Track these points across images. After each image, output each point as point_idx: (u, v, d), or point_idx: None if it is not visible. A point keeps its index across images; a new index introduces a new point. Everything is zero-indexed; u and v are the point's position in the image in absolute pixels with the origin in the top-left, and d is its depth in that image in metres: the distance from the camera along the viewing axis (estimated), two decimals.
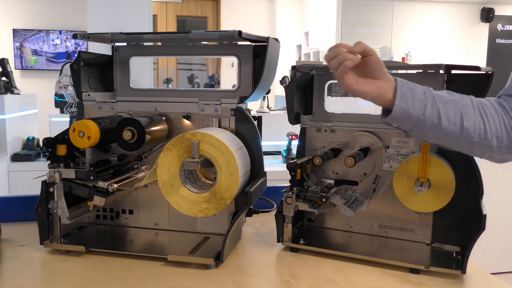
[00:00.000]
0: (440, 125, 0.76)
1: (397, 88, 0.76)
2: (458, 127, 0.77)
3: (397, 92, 0.76)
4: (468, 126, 0.77)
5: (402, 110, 0.76)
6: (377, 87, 0.76)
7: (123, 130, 0.93)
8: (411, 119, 0.76)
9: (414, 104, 0.76)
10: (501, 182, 2.76)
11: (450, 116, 0.77)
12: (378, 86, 0.76)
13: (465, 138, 0.77)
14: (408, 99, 0.76)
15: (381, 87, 0.76)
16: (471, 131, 0.77)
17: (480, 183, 0.92)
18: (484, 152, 0.79)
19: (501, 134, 0.77)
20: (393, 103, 0.76)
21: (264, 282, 0.85)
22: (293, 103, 1.05)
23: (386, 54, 5.92)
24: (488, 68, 0.91)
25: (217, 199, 0.90)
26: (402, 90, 0.76)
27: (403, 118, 0.77)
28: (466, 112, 0.77)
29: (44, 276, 0.87)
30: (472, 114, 0.77)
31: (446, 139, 0.78)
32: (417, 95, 0.77)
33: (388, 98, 0.76)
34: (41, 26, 5.93)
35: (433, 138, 0.79)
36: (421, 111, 0.76)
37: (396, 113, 0.76)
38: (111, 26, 2.74)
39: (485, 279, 0.87)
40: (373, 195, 1.03)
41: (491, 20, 6.65)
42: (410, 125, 0.77)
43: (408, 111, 0.76)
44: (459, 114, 0.77)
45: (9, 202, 1.18)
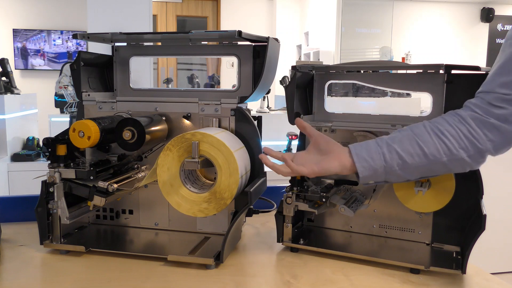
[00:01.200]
0: (406, 162, 0.80)
1: (351, 153, 0.81)
2: (422, 156, 0.79)
3: (353, 156, 0.81)
4: (431, 151, 0.79)
5: (365, 168, 0.80)
6: (337, 160, 0.81)
7: (123, 130, 0.93)
8: (378, 171, 0.81)
9: (373, 158, 0.80)
10: (501, 182, 2.76)
11: (409, 150, 0.80)
12: (338, 158, 0.81)
13: (435, 162, 0.79)
14: (365, 157, 0.80)
15: (340, 158, 0.81)
16: (436, 153, 0.79)
17: (480, 183, 0.92)
18: (462, 165, 0.81)
19: (464, 145, 0.79)
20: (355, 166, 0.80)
21: (264, 282, 0.85)
22: (293, 103, 1.05)
23: (386, 54, 5.92)
24: (488, 68, 0.91)
25: (217, 199, 0.90)
26: (356, 152, 0.81)
27: (372, 174, 0.81)
28: (423, 140, 0.80)
29: (44, 276, 0.87)
30: (429, 138, 0.80)
31: (420, 171, 0.81)
32: (372, 149, 0.81)
33: (349, 164, 0.81)
34: (41, 26, 5.93)
35: (410, 175, 0.82)
36: (382, 160, 0.80)
37: (363, 173, 0.80)
38: (111, 26, 2.75)
39: (485, 279, 0.87)
40: (373, 195, 1.03)
41: (491, 20, 6.65)
42: (383, 176, 0.81)
43: (371, 167, 0.80)
44: (416, 145, 0.80)
45: (9, 202, 1.18)
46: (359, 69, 1.06)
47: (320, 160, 0.82)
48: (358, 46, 6.14)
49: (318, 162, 0.82)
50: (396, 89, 1.05)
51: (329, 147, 0.84)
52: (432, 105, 0.98)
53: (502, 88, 0.78)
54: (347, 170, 0.81)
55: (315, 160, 0.83)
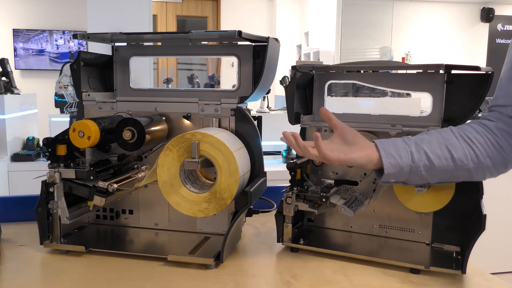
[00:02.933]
0: (433, 164, 0.78)
1: (378, 147, 0.79)
2: (450, 160, 0.78)
3: (380, 151, 0.79)
4: (459, 156, 0.78)
5: (392, 165, 0.78)
6: (364, 152, 0.79)
7: (123, 130, 0.93)
8: (403, 170, 0.79)
9: (401, 155, 0.79)
10: (501, 182, 2.76)
11: (438, 153, 0.78)
12: (364, 150, 0.79)
13: (461, 168, 0.79)
14: (393, 153, 0.79)
15: (367, 150, 0.79)
16: (464, 159, 0.78)
17: (480, 183, 0.92)
18: (484, 174, 0.81)
19: (491, 153, 0.79)
20: (381, 161, 0.78)
21: (264, 282, 0.85)
22: (293, 103, 1.05)
23: (386, 54, 5.92)
24: (488, 68, 0.91)
25: (217, 199, 0.90)
26: (383, 148, 0.79)
27: (396, 172, 0.79)
28: (452, 144, 0.79)
29: (44, 276, 0.87)
30: (458, 144, 0.79)
31: (444, 175, 0.80)
32: (400, 147, 0.79)
33: (376, 158, 0.79)
34: (41, 26, 5.93)
35: (432, 178, 0.81)
36: (409, 159, 0.78)
37: (388, 170, 0.79)
38: (111, 26, 2.75)
39: (485, 279, 0.87)
40: (373, 195, 1.03)
41: (491, 20, 6.65)
42: (406, 175, 0.80)
43: (398, 164, 0.78)
44: (445, 148, 0.78)
45: (9, 202, 1.18)
46: (359, 69, 1.06)
47: (347, 150, 0.80)
48: (358, 46, 6.14)
49: (345, 152, 0.79)
50: (396, 89, 1.05)
51: (356, 139, 0.81)
52: (432, 105, 0.98)
53: None
54: (372, 164, 0.79)
55: (341, 150, 0.80)
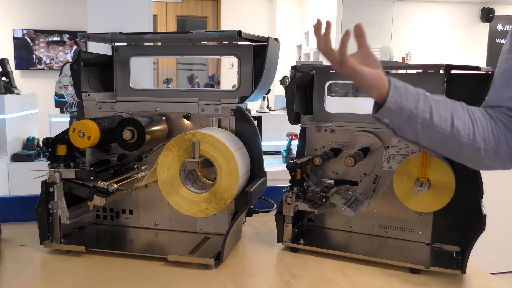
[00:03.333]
0: (432, 121, 0.77)
1: (391, 81, 0.77)
2: (449, 125, 0.78)
3: (391, 84, 0.77)
4: (458, 125, 0.78)
5: (396, 102, 0.76)
6: (377, 72, 0.77)
7: (123, 130, 0.93)
8: (403, 112, 0.77)
9: (408, 97, 0.77)
10: (501, 182, 2.76)
11: (441, 112, 0.78)
12: (378, 71, 0.77)
13: (455, 137, 0.78)
14: (401, 91, 0.77)
15: (380, 76, 0.77)
16: (461, 130, 0.78)
17: (480, 183, 0.92)
18: (472, 155, 0.80)
19: (487, 137, 0.79)
20: (387, 94, 0.76)
21: (264, 282, 0.85)
22: (293, 103, 1.05)
23: (386, 54, 5.92)
24: (488, 68, 0.92)
25: (217, 199, 0.90)
26: (395, 83, 0.77)
27: (396, 111, 0.77)
28: (456, 112, 0.79)
29: (44, 276, 0.87)
30: (462, 114, 0.79)
31: (436, 138, 0.79)
32: (410, 90, 0.78)
33: (384, 86, 0.77)
34: (41, 26, 5.93)
35: (423, 136, 0.79)
36: (413, 105, 0.77)
37: (390, 104, 0.76)
38: (111, 26, 2.74)
39: (485, 279, 0.87)
40: (373, 195, 1.03)
41: (491, 20, 6.65)
42: (402, 120, 0.78)
43: (401, 104, 0.76)
44: (449, 112, 0.78)
45: (9, 202, 1.18)
46: None
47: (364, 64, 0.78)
48: None
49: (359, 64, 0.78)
50: None
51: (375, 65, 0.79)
52: None
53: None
54: (377, 91, 0.77)
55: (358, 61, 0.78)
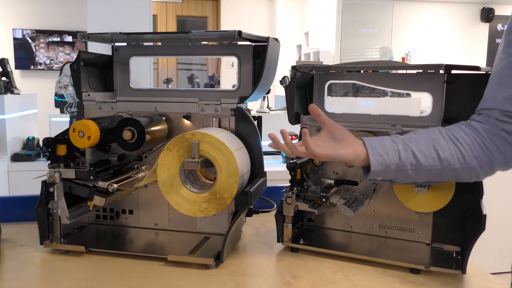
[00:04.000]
0: (420, 163, 0.79)
1: (366, 145, 0.79)
2: (437, 160, 0.79)
3: (368, 148, 0.79)
4: (445, 156, 0.79)
5: (379, 163, 0.79)
6: (351, 148, 0.79)
7: (123, 130, 0.93)
8: (390, 168, 0.79)
9: (388, 153, 0.79)
10: (501, 182, 2.76)
11: (425, 152, 0.79)
12: (352, 147, 0.79)
13: (447, 168, 0.79)
14: (380, 151, 0.79)
15: (354, 147, 0.79)
16: (450, 159, 0.79)
17: (480, 183, 0.91)
18: (470, 175, 0.81)
19: (477, 154, 0.79)
20: (368, 159, 0.78)
21: (264, 282, 0.85)
22: (293, 103, 1.05)
23: (386, 54, 5.92)
24: (488, 68, 0.91)
25: (217, 199, 0.90)
26: (371, 145, 0.79)
27: (383, 170, 0.79)
28: (439, 144, 0.80)
29: (44, 276, 0.87)
30: (445, 144, 0.79)
31: (431, 175, 0.80)
32: (387, 145, 0.80)
33: (363, 155, 0.79)
34: (41, 26, 5.93)
35: (419, 177, 0.81)
36: (396, 157, 0.79)
37: (375, 167, 0.79)
38: (111, 26, 2.75)
39: (485, 279, 0.87)
40: (373, 195, 1.03)
41: (491, 20, 6.65)
42: (393, 174, 0.80)
43: (385, 162, 0.79)
44: (432, 148, 0.79)
45: (9, 202, 1.18)
46: (359, 69, 1.06)
47: (334, 146, 0.80)
48: (358, 46, 6.14)
49: (332, 147, 0.79)
50: (396, 89, 1.05)
51: (344, 136, 0.82)
52: (432, 105, 0.98)
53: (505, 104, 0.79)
54: (359, 161, 0.79)
55: (329, 146, 0.80)
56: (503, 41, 0.83)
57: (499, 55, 0.83)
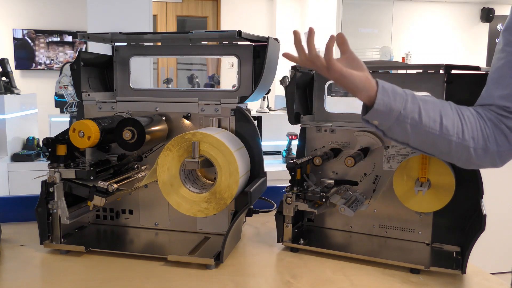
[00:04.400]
0: (421, 121, 0.78)
1: (378, 83, 0.78)
2: (438, 124, 0.78)
3: (379, 86, 0.77)
4: (447, 124, 0.78)
5: (384, 103, 0.77)
6: (365, 76, 0.78)
7: (123, 130, 0.93)
8: (392, 113, 0.77)
9: (396, 98, 0.77)
10: (501, 182, 2.76)
11: (429, 112, 0.78)
12: (365, 76, 0.78)
13: (444, 136, 0.78)
14: (389, 93, 0.77)
15: (368, 77, 0.78)
16: (450, 129, 0.78)
17: (480, 183, 0.92)
18: (462, 154, 0.80)
19: (477, 136, 0.79)
20: (375, 96, 0.77)
21: (264, 282, 0.85)
22: (293, 103, 1.05)
23: (386, 54, 5.91)
24: (488, 68, 0.91)
25: (217, 199, 0.90)
26: (382, 85, 0.78)
27: (385, 112, 0.77)
28: (445, 111, 0.79)
29: (44, 276, 0.87)
30: (451, 113, 0.79)
31: (426, 138, 0.79)
32: (398, 91, 0.78)
33: (372, 90, 0.77)
34: (41, 26, 5.93)
35: (414, 137, 0.80)
36: (402, 105, 0.77)
37: (379, 106, 0.77)
38: (111, 26, 2.74)
39: (485, 279, 0.87)
40: (373, 195, 1.03)
41: (491, 20, 6.65)
42: (391, 121, 0.78)
43: (390, 105, 0.77)
44: (438, 112, 0.79)
45: (9, 202, 1.18)
46: None
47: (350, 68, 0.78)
48: (358, 46, 6.14)
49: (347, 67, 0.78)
50: None
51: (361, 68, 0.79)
52: None
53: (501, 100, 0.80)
54: (366, 94, 0.77)
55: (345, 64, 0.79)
56: (502, 41, 0.84)
57: (498, 54, 0.84)
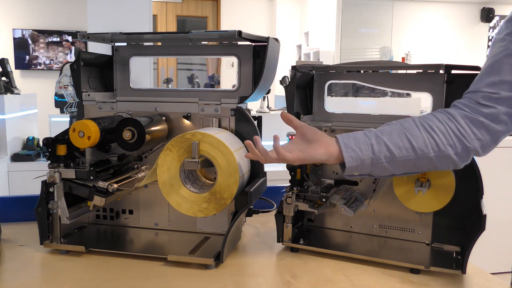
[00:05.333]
0: (394, 155, 0.79)
1: (338, 142, 0.80)
2: (411, 150, 0.79)
3: (341, 145, 0.79)
4: (419, 145, 0.79)
5: (353, 158, 0.79)
6: (323, 147, 0.79)
7: (123, 130, 0.93)
8: (365, 163, 0.79)
9: (361, 148, 0.79)
10: (501, 182, 2.76)
11: (398, 143, 0.79)
12: (324, 146, 0.80)
13: (422, 157, 0.79)
14: (353, 147, 0.79)
15: (327, 146, 0.80)
16: (424, 148, 0.79)
17: (480, 183, 0.92)
18: (447, 163, 0.81)
19: (452, 142, 0.79)
20: (342, 156, 0.79)
21: (264, 282, 0.85)
22: (293, 103, 1.05)
23: (386, 54, 5.92)
24: None
25: (217, 199, 0.90)
26: (343, 142, 0.80)
27: (358, 165, 0.79)
28: (412, 134, 0.80)
29: (44, 276, 0.87)
30: (418, 133, 0.80)
31: (407, 165, 0.81)
32: (360, 139, 0.80)
33: (336, 153, 0.79)
34: (41, 26, 5.93)
35: (396, 169, 0.81)
36: (370, 152, 0.79)
37: (350, 163, 0.79)
38: (111, 26, 2.75)
39: (485, 279, 0.87)
40: (373, 195, 1.03)
41: (491, 20, 6.65)
42: (369, 168, 0.80)
43: (359, 157, 0.79)
44: (405, 138, 0.79)
45: (9, 202, 1.18)
46: (359, 69, 1.06)
47: (306, 148, 0.80)
48: (358, 46, 6.14)
49: (304, 150, 0.80)
50: (396, 89, 1.05)
51: (316, 137, 0.82)
52: (432, 105, 0.98)
53: (489, 87, 0.80)
54: (333, 159, 0.80)
55: (300, 149, 0.81)
56: (504, 29, 0.82)
57: (497, 43, 0.83)
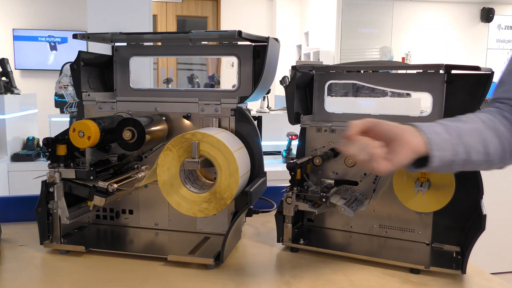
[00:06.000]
0: (470, 158, 0.72)
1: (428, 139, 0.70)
2: (484, 155, 0.73)
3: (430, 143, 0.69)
4: (491, 151, 0.73)
5: (441, 159, 0.70)
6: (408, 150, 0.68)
7: (123, 130, 0.93)
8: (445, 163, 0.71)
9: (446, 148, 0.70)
10: (501, 182, 2.76)
11: (478, 148, 0.72)
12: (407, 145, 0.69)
13: (488, 162, 0.74)
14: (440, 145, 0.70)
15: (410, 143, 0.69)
16: (494, 155, 0.73)
17: (480, 183, 0.92)
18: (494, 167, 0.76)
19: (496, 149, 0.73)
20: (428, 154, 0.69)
21: (264, 282, 0.85)
22: (293, 103, 1.05)
23: (386, 54, 5.92)
24: (488, 68, 0.91)
25: (217, 199, 0.90)
26: (430, 137, 0.70)
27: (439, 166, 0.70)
28: (486, 138, 0.73)
29: (44, 276, 0.87)
30: (491, 138, 0.73)
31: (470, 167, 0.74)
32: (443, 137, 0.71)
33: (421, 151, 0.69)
34: (41, 26, 5.93)
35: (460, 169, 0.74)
36: (453, 153, 0.70)
37: (434, 163, 0.70)
38: (111, 26, 2.75)
39: (485, 279, 0.87)
40: (373, 195, 1.03)
41: (491, 20, 6.65)
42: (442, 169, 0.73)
43: (445, 158, 0.70)
44: (482, 142, 0.72)
45: (9, 202, 1.18)
46: (359, 69, 1.06)
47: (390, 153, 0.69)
48: (358, 46, 6.15)
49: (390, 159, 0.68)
50: (396, 89, 1.05)
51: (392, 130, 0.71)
52: (432, 105, 0.98)
53: None
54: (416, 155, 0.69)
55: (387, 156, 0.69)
56: None
57: None
